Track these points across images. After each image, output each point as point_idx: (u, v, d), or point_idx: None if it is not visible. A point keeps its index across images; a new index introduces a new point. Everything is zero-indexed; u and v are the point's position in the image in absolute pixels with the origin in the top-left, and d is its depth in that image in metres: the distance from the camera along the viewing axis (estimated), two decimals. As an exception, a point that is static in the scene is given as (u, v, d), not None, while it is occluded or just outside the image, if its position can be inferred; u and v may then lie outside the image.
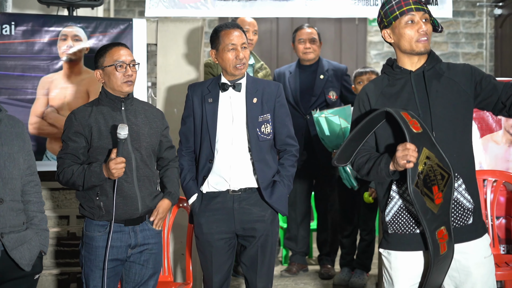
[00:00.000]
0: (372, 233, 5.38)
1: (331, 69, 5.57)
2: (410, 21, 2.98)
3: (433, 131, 2.89)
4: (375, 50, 8.39)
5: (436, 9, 5.26)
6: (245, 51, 3.77)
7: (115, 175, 3.38)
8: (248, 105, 3.78)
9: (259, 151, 3.75)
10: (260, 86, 3.84)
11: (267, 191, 3.75)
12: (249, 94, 3.80)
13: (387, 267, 3.07)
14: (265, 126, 3.78)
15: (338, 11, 5.24)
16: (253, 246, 3.79)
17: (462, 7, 8.46)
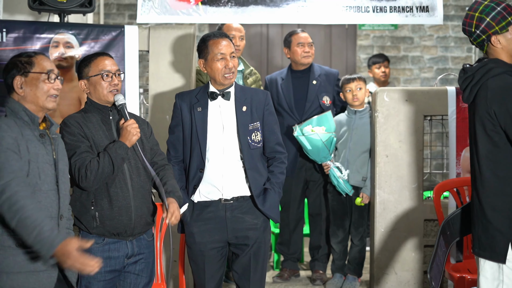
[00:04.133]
0: (364, 239, 5.39)
1: (323, 74, 5.57)
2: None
3: None
4: (365, 54, 8.42)
5: (427, 16, 5.29)
6: (233, 60, 3.78)
7: (134, 137, 3.44)
8: (238, 113, 3.79)
9: (251, 159, 3.76)
10: (248, 94, 3.86)
11: (260, 198, 3.76)
12: (238, 102, 3.81)
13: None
14: (255, 134, 3.79)
15: (329, 18, 5.26)
16: (245, 254, 3.80)
17: (451, 11, 8.50)
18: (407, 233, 5.05)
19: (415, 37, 8.52)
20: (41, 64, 3.07)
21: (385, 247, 5.07)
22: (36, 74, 3.04)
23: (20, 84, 3.03)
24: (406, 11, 5.25)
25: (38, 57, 3.08)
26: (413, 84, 8.46)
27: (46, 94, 3.05)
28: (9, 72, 3.06)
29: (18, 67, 3.04)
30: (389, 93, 5.09)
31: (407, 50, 8.53)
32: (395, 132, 5.06)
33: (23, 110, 3.03)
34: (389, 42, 8.53)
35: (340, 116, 5.36)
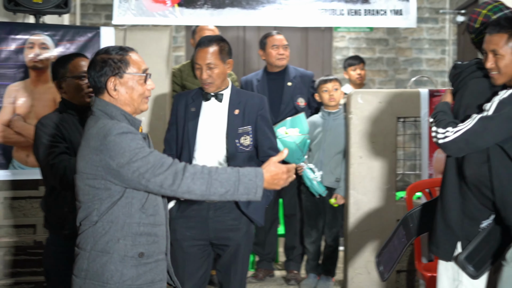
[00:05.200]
0: (337, 239, 5.45)
1: (298, 76, 5.61)
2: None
3: None
4: (341, 55, 8.48)
5: (401, 19, 5.34)
6: (210, 71, 3.79)
7: None
8: (230, 116, 3.83)
9: (236, 162, 3.78)
10: (243, 98, 3.90)
11: (243, 201, 3.79)
12: (232, 105, 3.85)
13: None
14: (244, 138, 3.82)
15: (305, 21, 5.30)
16: (226, 255, 3.84)
17: (426, 14, 8.59)
18: (380, 233, 5.11)
19: (390, 39, 8.60)
20: (137, 63, 2.78)
21: (359, 247, 5.13)
22: (132, 75, 2.75)
23: (114, 85, 2.74)
24: (380, 14, 5.31)
25: (132, 55, 2.79)
26: (388, 86, 8.54)
27: (142, 96, 2.79)
28: (99, 71, 2.75)
29: (111, 66, 2.74)
30: (363, 95, 5.15)
31: (382, 52, 8.61)
32: (369, 133, 5.12)
33: (122, 114, 2.75)
34: (364, 44, 8.60)
35: (314, 117, 5.41)
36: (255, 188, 2.67)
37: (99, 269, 2.67)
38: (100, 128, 2.67)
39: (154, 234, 2.76)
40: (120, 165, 2.61)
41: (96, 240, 2.68)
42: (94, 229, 2.69)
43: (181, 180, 2.62)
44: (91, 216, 2.69)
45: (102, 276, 2.66)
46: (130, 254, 2.69)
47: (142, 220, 2.71)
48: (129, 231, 2.69)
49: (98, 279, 2.66)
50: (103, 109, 2.75)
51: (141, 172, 2.60)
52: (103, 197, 2.68)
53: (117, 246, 2.67)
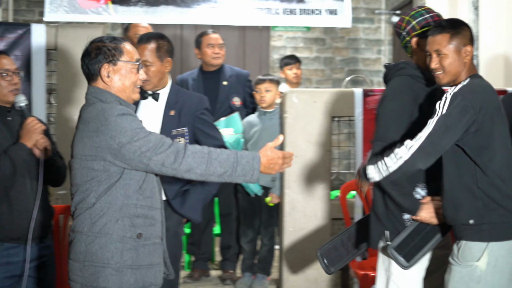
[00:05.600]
0: (273, 239, 5.46)
1: (234, 75, 5.60)
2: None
3: None
4: (278, 55, 8.50)
5: (336, 19, 5.36)
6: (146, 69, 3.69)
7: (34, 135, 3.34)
8: (165, 116, 3.78)
9: None
10: (181, 98, 3.84)
11: (176, 201, 3.75)
12: (168, 105, 3.79)
13: None
14: (179, 139, 3.75)
15: (240, 19, 5.27)
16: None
17: (362, 14, 8.68)
18: (315, 232, 5.14)
19: (327, 38, 8.66)
20: (130, 52, 2.84)
21: (294, 246, 5.14)
22: (125, 63, 2.81)
23: (107, 72, 2.79)
24: (315, 13, 5.32)
25: (126, 44, 2.85)
26: (325, 85, 8.60)
27: (134, 85, 2.86)
28: (93, 58, 2.79)
29: (105, 53, 2.79)
30: (298, 95, 5.17)
31: (319, 51, 8.66)
32: (304, 132, 5.14)
33: (117, 99, 2.80)
34: (301, 43, 8.65)
35: (251, 117, 5.41)
36: (252, 170, 2.69)
37: (98, 250, 2.68)
38: (99, 111, 2.70)
39: (151, 217, 2.79)
40: (121, 144, 2.64)
41: (94, 221, 2.69)
42: (92, 211, 2.70)
43: (182, 158, 2.66)
44: (89, 198, 2.70)
45: (102, 257, 2.68)
46: (128, 235, 2.70)
47: (140, 202, 2.74)
48: (127, 212, 2.71)
49: (98, 260, 2.67)
50: (97, 96, 2.78)
51: (143, 151, 2.64)
52: (101, 179, 2.69)
53: (116, 227, 2.69)
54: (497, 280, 3.01)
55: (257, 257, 5.52)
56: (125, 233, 2.70)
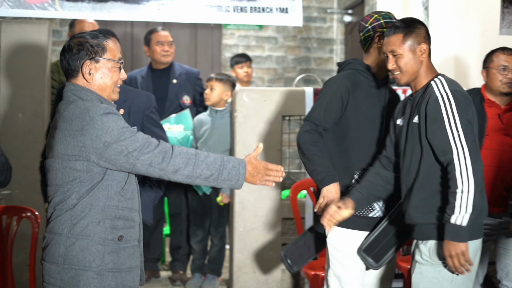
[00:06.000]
0: (223, 239, 5.40)
1: (183, 73, 5.55)
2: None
3: None
4: (230, 53, 8.45)
5: (287, 17, 5.34)
6: None
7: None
8: None
9: None
10: (129, 96, 3.77)
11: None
12: (117, 104, 3.70)
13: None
14: None
15: (190, 17, 5.21)
16: None
17: (314, 13, 8.68)
18: (265, 232, 5.10)
19: (279, 37, 8.64)
20: (113, 51, 2.75)
21: (244, 247, 5.10)
22: (107, 61, 2.72)
23: (89, 69, 2.70)
24: (266, 12, 5.29)
25: (109, 41, 2.76)
26: (278, 84, 8.58)
27: (114, 84, 2.77)
28: (75, 54, 2.70)
29: (88, 50, 2.69)
30: (249, 93, 5.12)
31: (271, 50, 8.64)
32: (254, 132, 5.09)
33: (98, 98, 2.70)
34: (254, 41, 8.61)
35: (202, 115, 5.36)
36: (238, 175, 2.66)
37: (79, 253, 2.61)
38: (83, 109, 2.61)
39: (131, 219, 2.73)
40: (107, 144, 2.57)
41: (75, 223, 2.62)
42: (72, 212, 2.63)
43: (170, 158, 2.61)
44: (70, 199, 2.63)
45: (84, 259, 2.61)
46: (110, 237, 2.65)
47: (121, 203, 2.68)
48: (108, 213, 2.65)
49: (79, 263, 2.61)
50: (77, 93, 2.69)
51: (130, 151, 2.58)
52: (83, 179, 2.62)
53: (97, 229, 2.63)
54: (467, 277, 3.05)
55: (207, 257, 5.46)
56: (107, 235, 2.65)
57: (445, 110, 2.99)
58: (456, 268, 2.96)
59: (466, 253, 2.94)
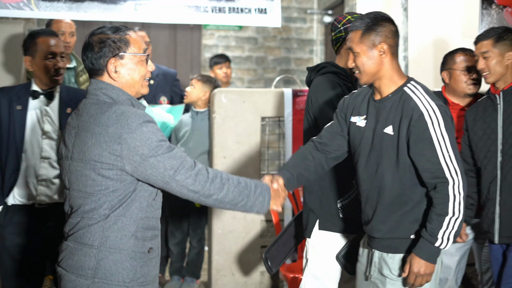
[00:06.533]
0: (202, 241, 5.36)
1: (161, 74, 5.50)
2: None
3: None
4: (210, 53, 8.40)
5: (266, 18, 5.30)
6: (62, 61, 3.68)
7: None
8: (62, 115, 3.67)
9: None
10: (75, 95, 3.75)
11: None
12: (63, 103, 3.68)
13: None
14: None
15: (169, 17, 5.16)
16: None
17: (294, 14, 8.65)
18: (244, 234, 5.07)
19: (259, 38, 8.60)
20: (137, 42, 2.61)
21: (223, 249, 5.06)
22: (133, 55, 2.58)
23: (114, 67, 2.56)
24: (245, 12, 5.25)
25: (131, 33, 2.61)
26: (257, 85, 8.55)
27: (143, 78, 2.63)
28: (97, 52, 2.56)
29: (110, 46, 2.55)
30: (227, 94, 5.09)
31: (251, 51, 8.60)
32: (233, 133, 5.06)
33: (128, 98, 2.57)
34: (233, 42, 8.57)
35: (184, 116, 5.35)
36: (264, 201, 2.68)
37: (112, 267, 2.50)
38: (119, 115, 2.47)
39: (157, 228, 2.64)
40: (144, 157, 2.45)
41: (107, 235, 2.50)
42: (105, 223, 2.50)
43: (205, 183, 2.53)
44: (101, 209, 2.50)
45: (117, 274, 2.50)
46: (141, 250, 2.55)
47: (151, 214, 2.58)
48: (140, 225, 2.54)
49: (112, 278, 2.50)
50: (108, 93, 2.56)
51: (166, 168, 2.47)
52: (116, 189, 2.49)
53: (130, 242, 2.52)
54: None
55: (186, 260, 5.42)
56: (139, 248, 2.54)
57: (433, 128, 2.81)
58: (414, 286, 2.89)
59: (431, 275, 2.88)
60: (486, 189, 3.59)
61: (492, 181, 3.55)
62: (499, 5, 5.15)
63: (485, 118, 3.60)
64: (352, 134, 3.07)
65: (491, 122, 3.57)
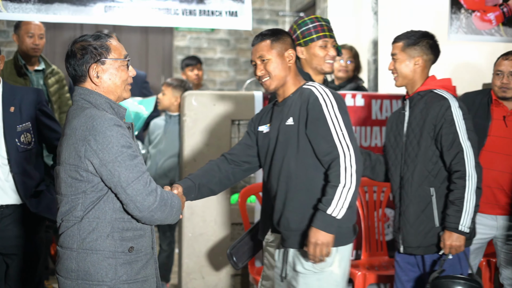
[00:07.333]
0: (172, 244, 5.35)
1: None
2: (324, 45, 3.52)
3: None
4: (182, 55, 8.38)
5: (236, 21, 5.30)
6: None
7: None
8: (5, 114, 3.65)
9: (19, 162, 3.64)
10: (18, 94, 3.74)
11: (32, 201, 3.66)
12: (6, 102, 3.66)
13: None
14: (25, 135, 3.67)
15: (139, 20, 5.14)
16: (16, 265, 3.68)
17: (266, 16, 8.67)
18: (214, 237, 5.06)
19: (231, 39, 8.60)
20: (118, 49, 2.68)
21: (193, 252, 5.05)
22: (114, 61, 2.65)
23: (96, 72, 2.62)
24: (216, 15, 5.25)
25: (112, 41, 2.68)
26: (229, 87, 8.54)
27: (125, 83, 2.69)
28: (80, 59, 2.63)
29: (92, 53, 2.62)
30: (197, 97, 5.07)
31: (223, 52, 8.60)
32: (203, 136, 5.05)
33: (107, 101, 2.63)
34: (206, 43, 8.56)
35: (158, 119, 5.38)
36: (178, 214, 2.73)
37: (91, 268, 2.57)
38: (88, 118, 2.55)
39: (140, 228, 2.67)
40: (103, 162, 2.52)
41: (83, 237, 2.57)
42: (80, 226, 2.58)
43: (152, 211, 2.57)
44: (75, 211, 2.58)
45: (96, 274, 2.57)
46: (120, 250, 2.59)
47: (127, 215, 2.61)
48: (116, 226, 2.59)
49: (92, 278, 2.57)
50: (86, 98, 2.63)
51: (120, 179, 2.52)
52: (87, 191, 2.57)
53: (107, 243, 2.58)
54: (344, 282, 3.16)
55: (156, 263, 5.40)
56: (117, 248, 2.59)
57: (327, 109, 3.04)
58: (315, 256, 3.00)
59: (330, 245, 3.00)
60: (393, 196, 3.64)
61: (397, 189, 3.59)
62: (468, 9, 5.20)
63: (397, 125, 3.65)
64: (260, 142, 3.27)
65: (400, 129, 3.61)
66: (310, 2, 8.15)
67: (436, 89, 3.53)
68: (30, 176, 3.66)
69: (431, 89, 3.53)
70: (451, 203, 3.36)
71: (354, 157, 2.98)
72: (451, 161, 3.38)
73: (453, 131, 3.38)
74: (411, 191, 3.49)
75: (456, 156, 3.36)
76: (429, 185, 3.45)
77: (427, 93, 3.52)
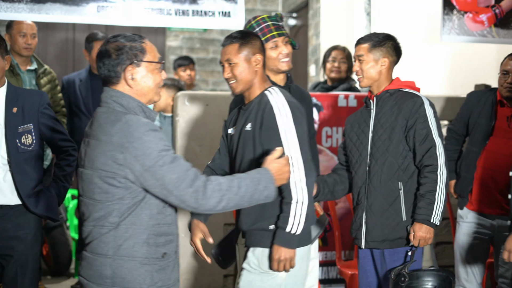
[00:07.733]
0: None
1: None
2: (275, 46, 3.54)
3: None
4: (174, 55, 8.38)
5: (229, 21, 5.31)
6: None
7: None
8: (7, 114, 3.65)
9: (19, 162, 3.63)
10: (21, 95, 3.74)
11: (31, 200, 3.65)
12: (9, 103, 3.66)
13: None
14: (26, 136, 3.67)
15: (132, 20, 5.14)
16: (12, 266, 3.66)
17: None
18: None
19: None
20: (153, 51, 2.66)
21: (185, 252, 5.04)
22: (149, 63, 2.64)
23: (131, 74, 2.59)
24: (209, 15, 5.25)
25: (147, 43, 2.67)
26: (222, 86, 8.54)
27: (158, 86, 2.68)
28: (115, 60, 2.59)
29: (128, 53, 2.59)
30: (190, 98, 5.07)
31: (216, 53, 8.60)
32: (196, 136, 5.05)
33: (139, 105, 2.61)
34: (198, 44, 8.55)
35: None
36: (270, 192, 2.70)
37: (128, 275, 2.56)
38: (123, 124, 2.52)
39: (171, 233, 2.68)
40: (145, 167, 2.49)
41: (119, 244, 2.55)
42: (116, 232, 2.55)
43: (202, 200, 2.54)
44: (111, 217, 2.55)
45: (134, 281, 2.57)
46: (155, 256, 2.59)
47: (163, 221, 2.62)
48: (152, 232, 2.58)
49: (129, 285, 2.56)
50: (118, 101, 2.59)
51: (165, 181, 2.50)
52: (124, 197, 2.54)
53: (143, 249, 2.57)
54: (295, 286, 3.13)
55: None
56: (152, 254, 2.59)
57: (281, 119, 3.05)
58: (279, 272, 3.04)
59: (293, 259, 3.03)
60: (356, 194, 3.63)
61: (362, 185, 3.59)
62: (460, 10, 5.22)
63: (360, 124, 3.66)
64: (228, 144, 3.31)
65: (364, 127, 3.62)
66: (302, 2, 8.16)
67: (405, 88, 3.57)
68: (29, 177, 3.66)
69: (399, 88, 3.57)
70: (422, 196, 3.38)
71: (303, 171, 3.01)
72: (423, 155, 3.41)
73: (426, 126, 3.42)
74: (380, 185, 3.50)
75: (428, 151, 3.39)
76: (397, 179, 3.47)
77: (396, 91, 3.56)
